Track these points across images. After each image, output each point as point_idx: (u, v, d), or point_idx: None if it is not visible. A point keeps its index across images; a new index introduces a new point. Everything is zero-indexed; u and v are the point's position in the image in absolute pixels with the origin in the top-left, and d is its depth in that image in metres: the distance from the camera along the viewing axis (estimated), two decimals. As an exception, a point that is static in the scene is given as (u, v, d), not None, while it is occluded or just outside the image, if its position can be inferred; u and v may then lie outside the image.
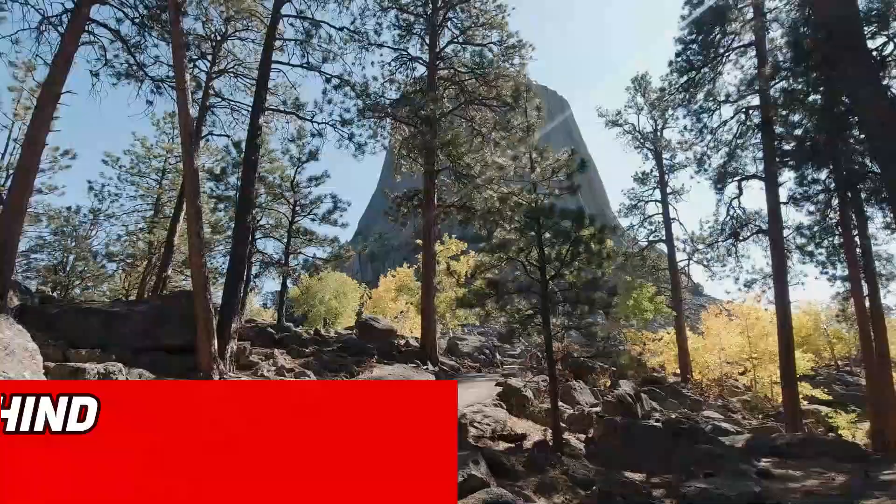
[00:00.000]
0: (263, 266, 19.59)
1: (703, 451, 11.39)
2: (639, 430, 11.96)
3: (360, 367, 14.36)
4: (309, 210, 19.42)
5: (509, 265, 13.12)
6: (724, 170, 20.14)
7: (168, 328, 11.44)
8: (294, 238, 19.61)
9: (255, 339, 14.97)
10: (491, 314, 12.50)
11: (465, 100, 20.77)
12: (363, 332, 18.46)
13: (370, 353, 15.74)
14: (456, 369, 18.41)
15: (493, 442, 10.65)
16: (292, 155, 19.65)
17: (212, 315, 11.17)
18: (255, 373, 12.05)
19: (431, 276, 18.21)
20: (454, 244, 30.67)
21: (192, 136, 11.50)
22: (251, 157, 13.78)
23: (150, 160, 24.96)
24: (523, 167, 13.58)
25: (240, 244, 12.72)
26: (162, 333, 11.41)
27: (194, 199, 11.32)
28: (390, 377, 13.52)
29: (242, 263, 12.58)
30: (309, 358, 14.01)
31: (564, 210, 12.55)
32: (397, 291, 35.76)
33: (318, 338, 16.85)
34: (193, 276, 11.23)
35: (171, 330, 11.44)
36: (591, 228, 12.35)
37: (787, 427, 17.59)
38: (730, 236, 20.20)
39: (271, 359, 13.22)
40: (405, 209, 21.21)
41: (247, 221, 12.96)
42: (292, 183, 19.48)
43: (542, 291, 12.25)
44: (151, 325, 11.40)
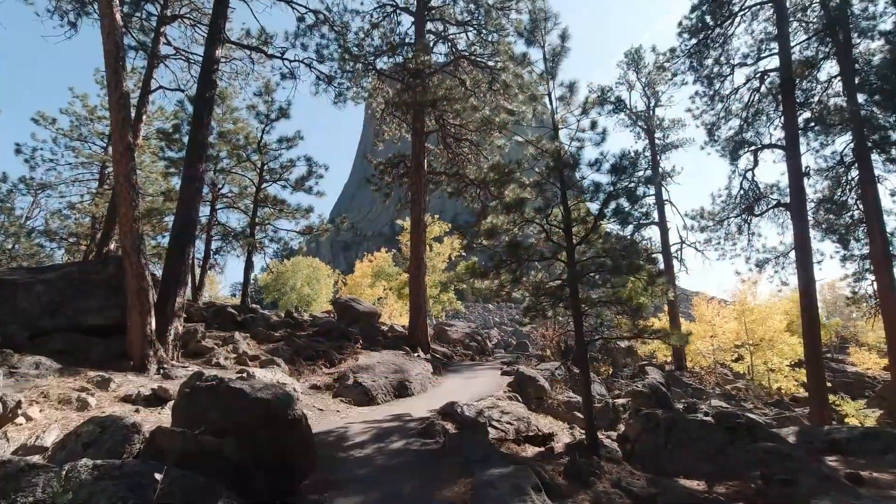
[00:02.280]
0: (225, 239, 16.57)
1: (765, 451, 9.17)
2: (686, 425, 9.66)
3: (343, 353, 11.66)
4: (279, 175, 16.45)
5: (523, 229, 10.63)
6: (738, 138, 18.24)
7: (87, 302, 8.48)
8: (262, 208, 16.62)
9: (213, 320, 12.07)
10: (505, 287, 10.00)
11: (456, 56, 18.15)
12: (343, 315, 15.72)
13: (352, 337, 13.05)
14: (449, 357, 15.89)
15: (518, 446, 8.20)
16: (259, 111, 16.64)
17: (148, 285, 8.27)
18: (207, 361, 9.21)
19: (421, 250, 15.60)
20: (438, 225, 28.08)
21: (120, 49, 8.50)
22: (205, 94, 10.83)
23: (92, 122, 21.34)
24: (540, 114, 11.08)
25: (189, 199, 9.80)
26: (79, 309, 8.44)
27: (124, 133, 8.38)
28: (380, 365, 10.90)
29: (191, 223, 9.68)
30: (279, 343, 11.21)
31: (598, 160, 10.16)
32: (375, 277, 32.98)
33: (291, 320, 14.06)
34: (122, 234, 8.30)
35: (91, 305, 8.49)
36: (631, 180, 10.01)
37: (811, 416, 15.84)
38: (744, 211, 18.33)
39: (231, 344, 10.38)
40: (389, 177, 18.46)
41: (198, 170, 10.03)
42: (259, 144, 16.46)
43: (568, 259, 9.85)
44: (65, 298, 8.41)
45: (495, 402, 9.70)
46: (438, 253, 28.12)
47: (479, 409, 8.49)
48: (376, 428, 7.61)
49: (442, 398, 10.12)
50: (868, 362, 29.69)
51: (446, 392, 10.77)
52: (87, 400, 6.22)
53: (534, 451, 8.24)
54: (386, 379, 10.38)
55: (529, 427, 8.77)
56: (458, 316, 46.19)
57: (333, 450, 6.46)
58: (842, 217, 17.55)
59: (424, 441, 7.02)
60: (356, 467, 5.77)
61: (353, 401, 9.48)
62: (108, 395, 6.71)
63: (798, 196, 16.30)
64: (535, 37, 11.02)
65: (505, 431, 8.35)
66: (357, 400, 9.52)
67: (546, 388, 11.22)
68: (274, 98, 16.66)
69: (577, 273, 9.53)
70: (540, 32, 10.87)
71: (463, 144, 18.82)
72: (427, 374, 11.55)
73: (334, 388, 9.91)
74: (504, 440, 8.13)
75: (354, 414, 8.71)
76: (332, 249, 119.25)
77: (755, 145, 17.92)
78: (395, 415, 8.56)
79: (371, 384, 9.96)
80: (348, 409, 9.07)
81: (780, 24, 17.24)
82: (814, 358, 15.52)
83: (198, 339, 9.88)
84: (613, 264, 9.66)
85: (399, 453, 6.47)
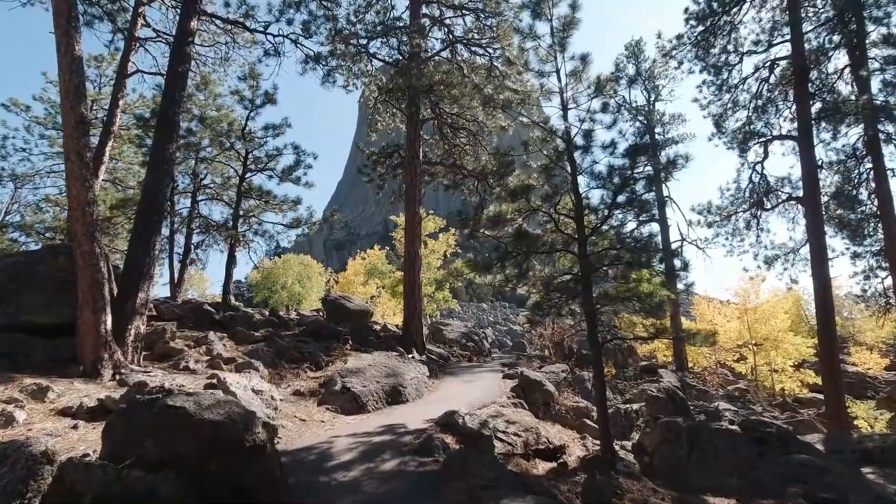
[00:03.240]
0: (207, 232, 15.39)
1: (800, 464, 8.20)
2: (710, 435, 8.64)
3: (331, 355, 10.54)
4: (264, 164, 15.27)
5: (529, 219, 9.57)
6: (748, 129, 17.33)
7: (33, 298, 7.30)
8: (246, 199, 15.43)
9: (187, 319, 10.89)
10: (510, 282, 8.93)
11: (452, 41, 17.07)
12: (332, 314, 14.58)
13: (342, 338, 11.92)
14: (446, 358, 14.80)
15: (527, 461, 7.13)
16: (244, 96, 15.42)
17: (103, 278, 7.11)
18: (174, 365, 8.06)
19: (416, 245, 14.50)
20: (432, 221, 26.95)
21: (72, 7, 7.34)
22: (178, 68, 9.67)
23: (69, 110, 20.01)
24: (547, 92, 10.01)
25: (156, 182, 8.63)
26: (23, 305, 7.26)
27: (76, 104, 7.22)
28: (371, 369, 9.79)
29: (158, 208, 8.52)
30: (259, 344, 10.06)
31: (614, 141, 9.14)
32: (367, 275, 31.80)
33: (275, 319, 12.90)
34: (73, 219, 7.14)
35: (37, 301, 7.31)
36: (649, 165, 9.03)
37: (827, 421, 14.92)
38: (753, 205, 17.41)
39: (204, 345, 9.23)
40: (382, 168, 17.34)
41: (168, 150, 8.86)
42: (243, 131, 15.27)
43: (580, 251, 8.82)
44: (6, 293, 7.23)
45: (499, 409, 8.63)
46: (433, 250, 26.98)
47: (483, 420, 7.42)
48: (366, 443, 6.51)
49: (440, 405, 9.04)
50: (869, 362, 28.96)
51: (444, 398, 9.70)
52: (13, 414, 5.08)
53: (545, 468, 7.19)
54: (378, 384, 9.28)
55: (539, 439, 7.71)
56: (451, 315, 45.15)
57: (313, 473, 5.35)
58: (855, 212, 16.71)
59: (422, 460, 5.94)
60: (339, 497, 4.67)
61: (341, 409, 8.37)
62: (43, 408, 5.56)
63: (812, 189, 15.38)
64: (541, 9, 9.92)
65: (512, 444, 7.28)
66: (345, 408, 8.42)
67: (553, 393, 10.18)
68: (259, 83, 15.48)
69: (591, 266, 8.49)
70: (547, 4, 9.78)
71: (460, 134, 17.75)
72: (423, 377, 10.47)
73: (320, 394, 8.79)
74: (512, 455, 7.07)
75: (342, 425, 7.61)
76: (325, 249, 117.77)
77: (765, 137, 16.99)
78: (388, 426, 7.47)
79: (361, 390, 8.86)
80: (335, 418, 7.96)
81: (791, 10, 16.31)
82: (830, 359, 14.60)
83: (166, 339, 8.73)
84: (631, 257, 8.65)
85: (392, 476, 5.38)
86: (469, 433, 6.96)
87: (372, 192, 21.74)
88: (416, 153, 15.11)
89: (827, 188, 17.22)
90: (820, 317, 14.88)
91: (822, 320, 14.80)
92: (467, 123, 16.93)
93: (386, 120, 18.56)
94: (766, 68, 17.72)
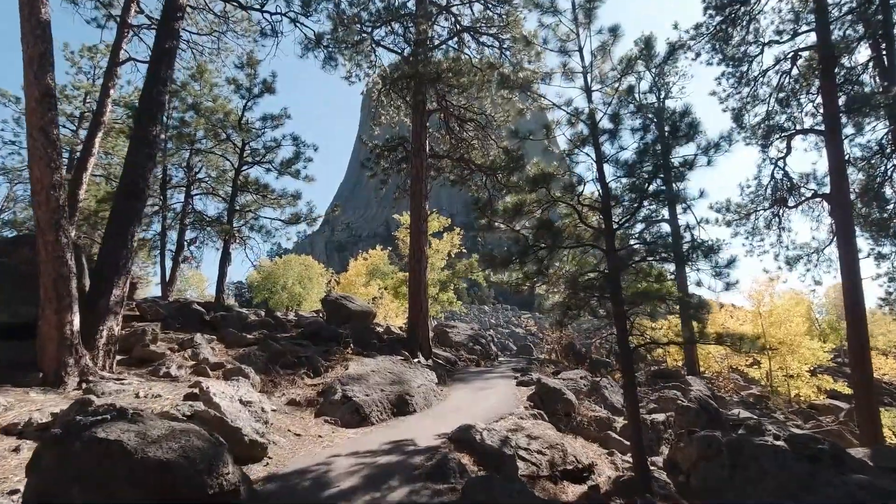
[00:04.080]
0: (202, 228, 14.43)
1: (859, 485, 7.14)
2: (754, 452, 7.62)
3: (330, 360, 9.56)
4: (262, 156, 14.32)
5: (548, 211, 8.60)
6: (770, 124, 16.39)
7: (-11, 294, 6.34)
8: (242, 193, 14.47)
9: (174, 319, 9.93)
10: (530, 279, 7.97)
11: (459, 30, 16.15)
12: (333, 315, 13.61)
13: (342, 341, 10.96)
14: (453, 363, 13.81)
15: (555, 485, 6.15)
16: (240, 84, 14.48)
17: (69, 272, 6.16)
18: (154, 371, 7.09)
19: (423, 241, 13.53)
20: (437, 220, 26.00)
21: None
22: (164, 44, 8.74)
23: (61, 102, 19.13)
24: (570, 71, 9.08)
25: (137, 166, 7.68)
26: (-22, 304, 6.31)
27: (41, 74, 6.28)
28: (374, 375, 8.81)
29: (138, 195, 7.56)
30: (251, 347, 9.09)
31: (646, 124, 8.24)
32: (369, 275, 30.87)
33: (271, 320, 11.92)
34: (36, 204, 6.18)
35: (-6, 297, 6.36)
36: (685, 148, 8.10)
37: (860, 433, 13.92)
38: (775, 203, 16.44)
39: (190, 348, 8.26)
40: (386, 163, 16.40)
41: (151, 133, 7.91)
42: (240, 121, 14.33)
43: (607, 245, 7.87)
44: (-42, 288, 6.28)
45: (518, 422, 7.66)
46: (437, 250, 26.02)
47: (504, 435, 6.43)
48: (369, 464, 5.55)
49: (451, 416, 8.08)
50: (885, 367, 27.94)
51: (455, 408, 8.72)
52: (-59, 434, 4.12)
53: (575, 492, 6.22)
54: (382, 392, 8.31)
55: (566, 457, 6.72)
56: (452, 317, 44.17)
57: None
58: (883, 210, 15.74)
59: (436, 487, 4.97)
60: (338, 542, 3.72)
61: (341, 421, 7.41)
62: (-16, 425, 4.60)
63: (840, 184, 14.39)
64: (562, -17, 9.01)
65: (537, 465, 6.30)
66: (346, 420, 7.45)
67: (574, 403, 9.19)
68: (257, 71, 14.54)
69: (623, 262, 7.54)
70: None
71: (468, 127, 16.80)
72: (431, 385, 9.49)
73: (318, 403, 7.83)
74: (537, 477, 6.11)
75: (342, 440, 6.64)
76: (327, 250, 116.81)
77: (788, 131, 16.03)
78: (395, 442, 6.50)
79: (363, 399, 7.89)
80: (334, 432, 6.99)
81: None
82: (861, 365, 13.59)
83: (146, 342, 7.76)
84: (667, 253, 7.70)
85: (402, 510, 4.43)
86: (489, 452, 5.99)
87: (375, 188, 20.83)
88: (423, 145, 14.17)
89: (852, 185, 16.25)
90: (850, 319, 13.88)
91: (853, 324, 13.80)
92: (475, 116, 15.98)
93: (390, 113, 17.63)
94: (787, 60, 16.79)
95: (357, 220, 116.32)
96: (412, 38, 14.68)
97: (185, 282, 37.64)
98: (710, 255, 7.09)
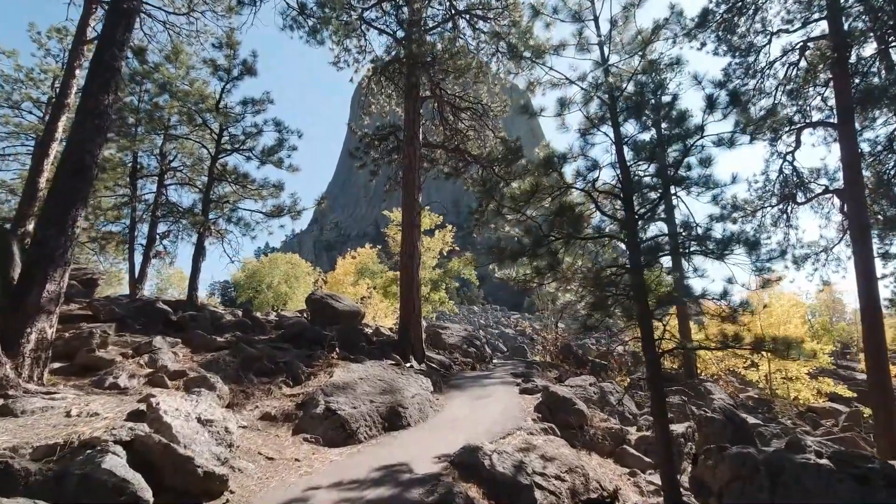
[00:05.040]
0: (175, 220, 13.15)
1: (917, 511, 6.21)
2: (796, 471, 6.60)
3: (313, 365, 8.41)
4: (241, 143, 13.07)
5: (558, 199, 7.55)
6: (776, 116, 15.57)
7: None
8: (220, 182, 13.21)
9: (134, 320, 8.69)
10: (545, 273, 6.91)
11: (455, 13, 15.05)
12: (318, 315, 12.41)
13: (327, 343, 9.80)
14: (447, 367, 12.71)
15: (580, 519, 5.10)
16: (219, 65, 13.22)
17: (-13, 261, 4.92)
18: (98, 382, 5.88)
19: (416, 236, 12.43)
20: (428, 216, 24.89)
21: None
22: (123, 3, 7.52)
23: (24, 85, 17.68)
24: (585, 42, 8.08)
25: (84, 140, 6.46)
26: None
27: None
28: (363, 383, 7.68)
29: (84, 172, 6.34)
30: (222, 352, 7.89)
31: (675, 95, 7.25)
32: (358, 274, 29.66)
33: (248, 321, 10.69)
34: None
35: None
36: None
37: (879, 441, 13.11)
38: (783, 199, 15.65)
39: (148, 353, 7.04)
40: (376, 153, 15.25)
41: (102, 102, 6.70)
42: (217, 104, 13.07)
43: (629, 237, 6.87)
44: None
45: (528, 439, 6.60)
46: (428, 248, 24.91)
47: (517, 460, 5.34)
48: (356, 500, 4.43)
49: (451, 432, 6.98)
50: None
51: (455, 421, 7.63)
52: None
53: (603, 528, 5.20)
54: (371, 403, 7.19)
55: (588, 483, 5.67)
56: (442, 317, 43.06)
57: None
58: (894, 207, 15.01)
59: (441, 534, 3.89)
60: None
61: (323, 439, 6.27)
62: None
63: (854, 179, 13.60)
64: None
65: (557, 494, 5.24)
66: (329, 437, 6.32)
67: (586, 415, 8.16)
68: (237, 52, 13.29)
69: (653, 254, 6.52)
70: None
71: (463, 117, 15.71)
72: (426, 394, 8.38)
73: (296, 418, 6.68)
74: (559, 511, 5.06)
75: (323, 465, 5.50)
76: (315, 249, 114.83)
77: (798, 124, 15.23)
78: (387, 467, 5.39)
79: (350, 412, 6.76)
80: (314, 454, 5.85)
81: (828, -17, 14.60)
82: (878, 369, 12.78)
83: (93, 346, 6.55)
84: (702, 245, 6.71)
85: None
86: (501, 481, 4.91)
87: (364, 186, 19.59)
88: (416, 133, 13.07)
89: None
90: (867, 321, 13.07)
91: (870, 325, 12.98)
92: (472, 104, 14.91)
93: (380, 102, 16.46)
94: (796, 51, 16.01)
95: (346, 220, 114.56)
96: (405, 18, 13.58)
97: (165, 280, 36.01)
98: (756, 247, 6.12)
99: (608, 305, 5.92)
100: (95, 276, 11.73)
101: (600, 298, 5.87)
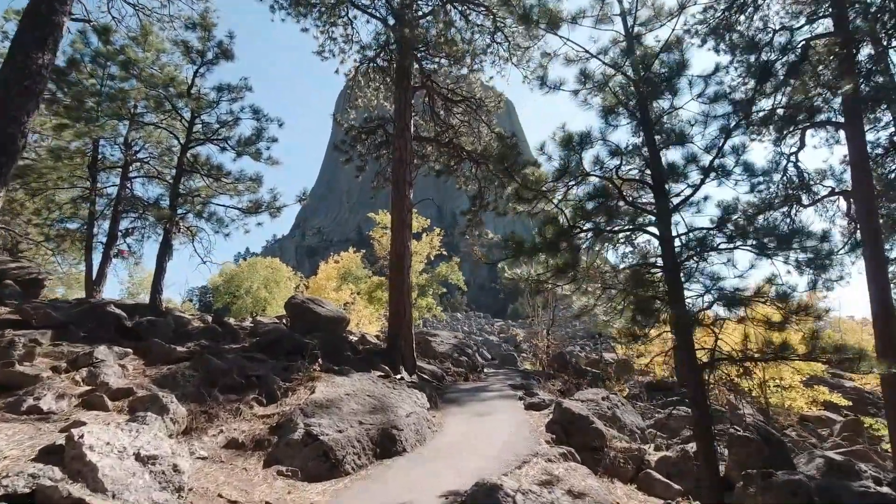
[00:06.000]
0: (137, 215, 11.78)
1: None
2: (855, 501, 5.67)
3: (292, 379, 7.19)
4: (215, 132, 11.81)
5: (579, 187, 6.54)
6: (780, 116, 14.98)
7: None
8: (191, 174, 11.89)
9: (79, 326, 7.34)
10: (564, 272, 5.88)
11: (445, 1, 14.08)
12: (298, 321, 11.11)
13: (309, 353, 8.58)
14: (440, 378, 11.55)
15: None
16: (191, 46, 11.97)
17: None
18: (15, 404, 4.60)
19: (406, 235, 11.32)
20: (416, 220, 23.77)
21: None
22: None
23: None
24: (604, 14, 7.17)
25: (8, 103, 5.22)
26: None
27: None
28: (349, 400, 6.50)
29: (6, 145, 5.09)
30: (182, 364, 6.63)
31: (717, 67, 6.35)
32: (341, 279, 28.35)
33: (218, 327, 9.38)
34: None
35: None
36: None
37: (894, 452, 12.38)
38: (787, 202, 15.00)
39: (88, 366, 5.76)
40: (363, 148, 14.11)
41: (35, 61, 5.47)
42: (189, 89, 11.80)
43: (661, 231, 5.91)
44: None
45: (548, 468, 5.50)
46: (416, 252, 23.78)
47: (547, 502, 4.25)
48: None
49: (455, 458, 5.85)
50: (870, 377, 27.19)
51: (457, 445, 6.50)
52: None
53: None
54: (360, 425, 6.01)
55: (628, 526, 4.60)
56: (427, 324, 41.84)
57: None
58: (895, 209, 14.50)
59: None
60: None
61: (302, 472, 5.08)
62: None
63: (862, 180, 13.01)
64: None
65: (597, 545, 4.17)
66: (309, 470, 5.13)
67: (605, 435, 7.11)
68: (212, 34, 12.06)
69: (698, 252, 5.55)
70: None
71: (456, 111, 14.70)
72: (423, 411, 7.23)
73: (270, 445, 5.48)
74: (601, 569, 3.99)
75: (300, 510, 4.33)
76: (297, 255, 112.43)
77: (803, 123, 14.62)
78: (381, 511, 4.25)
79: (335, 437, 5.57)
80: (290, 492, 4.66)
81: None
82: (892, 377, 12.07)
83: (14, 359, 5.25)
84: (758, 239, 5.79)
85: None
86: (530, 534, 3.81)
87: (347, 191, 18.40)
88: (407, 124, 11.99)
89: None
90: (880, 327, 12.37)
91: (883, 331, 12.28)
92: (466, 97, 13.91)
93: (367, 95, 15.35)
94: (799, 48, 15.47)
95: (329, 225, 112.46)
96: (395, 2, 12.53)
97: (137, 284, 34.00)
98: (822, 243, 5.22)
99: (653, 309, 4.90)
100: (41, 277, 10.25)
101: (644, 300, 4.83)
